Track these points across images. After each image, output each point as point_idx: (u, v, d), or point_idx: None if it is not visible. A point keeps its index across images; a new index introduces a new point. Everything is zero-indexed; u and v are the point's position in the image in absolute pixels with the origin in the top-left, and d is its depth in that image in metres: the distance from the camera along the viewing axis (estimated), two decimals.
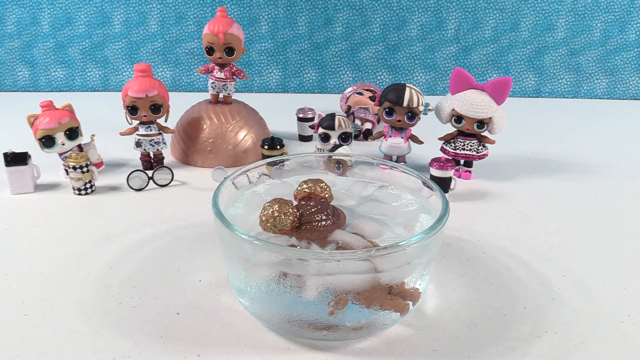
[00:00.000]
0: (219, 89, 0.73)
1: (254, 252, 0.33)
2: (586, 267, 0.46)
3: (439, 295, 0.42)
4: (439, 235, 0.34)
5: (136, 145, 0.68)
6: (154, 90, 0.64)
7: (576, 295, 0.42)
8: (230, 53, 0.70)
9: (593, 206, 0.60)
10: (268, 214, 0.35)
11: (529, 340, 0.37)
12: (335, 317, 0.33)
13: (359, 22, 1.14)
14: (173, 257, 0.47)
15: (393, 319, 0.35)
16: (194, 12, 1.13)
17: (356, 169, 0.47)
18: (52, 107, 0.61)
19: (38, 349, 0.35)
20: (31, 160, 0.62)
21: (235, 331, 0.37)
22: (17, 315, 0.39)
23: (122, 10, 1.13)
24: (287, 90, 1.19)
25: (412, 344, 0.36)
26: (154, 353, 0.35)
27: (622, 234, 0.53)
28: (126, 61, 1.16)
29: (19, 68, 1.15)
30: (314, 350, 0.35)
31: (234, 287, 0.38)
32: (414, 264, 0.34)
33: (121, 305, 0.40)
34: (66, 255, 0.47)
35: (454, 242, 0.50)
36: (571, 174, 0.70)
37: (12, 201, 0.59)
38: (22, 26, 1.12)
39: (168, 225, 0.53)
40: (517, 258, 0.48)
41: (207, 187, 0.64)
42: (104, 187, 0.63)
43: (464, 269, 0.46)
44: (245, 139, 0.72)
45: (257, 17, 1.14)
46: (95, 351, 0.35)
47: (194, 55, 1.16)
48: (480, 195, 0.62)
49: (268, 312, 0.36)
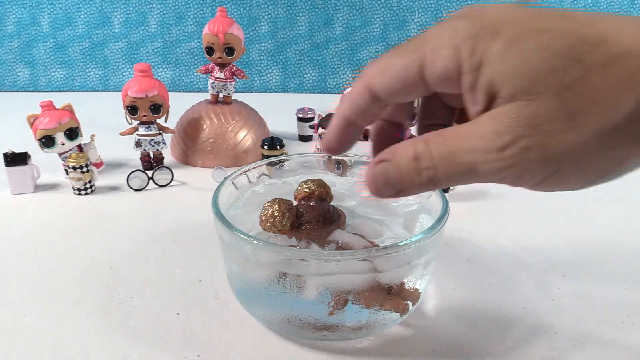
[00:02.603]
0: (219, 89, 0.73)
1: (254, 252, 0.33)
2: (586, 267, 0.46)
3: (439, 295, 0.42)
4: (439, 235, 0.34)
5: (136, 145, 0.68)
6: (154, 90, 0.64)
7: (576, 295, 0.42)
8: (230, 53, 0.70)
9: (593, 206, 0.60)
10: (268, 214, 0.35)
11: (529, 340, 0.37)
12: (335, 317, 0.33)
13: (359, 22, 1.14)
14: (173, 257, 0.47)
15: (393, 319, 0.35)
16: (194, 12, 1.13)
17: (356, 169, 0.47)
18: (52, 107, 0.61)
19: (38, 349, 0.35)
20: (31, 160, 0.62)
21: (235, 331, 0.37)
22: (17, 315, 0.39)
23: (122, 10, 1.13)
24: (287, 90, 1.19)
25: (412, 344, 0.36)
26: (154, 353, 0.35)
27: (622, 234, 0.53)
28: (126, 61, 1.16)
29: (19, 68, 1.15)
30: (314, 350, 0.35)
31: (234, 287, 0.38)
32: (414, 264, 0.34)
33: (121, 305, 0.40)
34: (66, 255, 0.47)
35: (454, 242, 0.50)
36: None
37: (12, 201, 0.59)
38: (22, 26, 1.12)
39: (168, 225, 0.53)
40: (517, 258, 0.48)
41: (207, 187, 0.64)
42: (104, 187, 0.63)
43: (464, 269, 0.46)
44: (245, 139, 0.72)
45: (257, 17, 1.14)
46: (95, 351, 0.35)
47: (194, 55, 1.16)
48: (480, 195, 0.62)
49: (268, 312, 0.36)
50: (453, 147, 0.24)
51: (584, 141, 0.21)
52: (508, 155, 0.22)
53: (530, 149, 0.22)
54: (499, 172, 0.23)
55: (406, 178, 0.25)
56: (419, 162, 0.25)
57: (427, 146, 0.24)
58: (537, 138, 0.22)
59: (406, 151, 0.25)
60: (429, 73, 0.25)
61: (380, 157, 0.26)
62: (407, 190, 0.26)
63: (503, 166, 0.22)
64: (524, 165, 0.22)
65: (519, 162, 0.22)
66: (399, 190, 0.26)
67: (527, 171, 0.22)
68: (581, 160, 0.22)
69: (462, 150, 0.23)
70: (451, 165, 0.24)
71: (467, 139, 0.23)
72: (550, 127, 0.21)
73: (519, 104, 0.22)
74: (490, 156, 0.22)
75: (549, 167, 0.22)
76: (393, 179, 0.26)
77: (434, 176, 0.24)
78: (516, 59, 0.22)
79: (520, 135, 0.22)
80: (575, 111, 0.21)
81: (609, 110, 0.21)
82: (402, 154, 0.25)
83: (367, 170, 0.27)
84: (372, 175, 0.26)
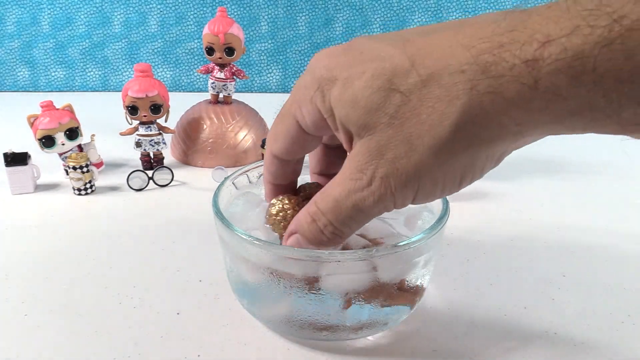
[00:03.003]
0: (219, 89, 0.73)
1: (254, 252, 0.33)
2: (586, 267, 0.46)
3: (439, 295, 0.42)
4: (439, 235, 0.34)
5: (136, 145, 0.68)
6: (154, 91, 0.64)
7: (576, 295, 0.42)
8: (230, 53, 0.70)
9: (593, 206, 0.60)
10: (278, 208, 0.35)
11: (529, 340, 0.37)
12: (335, 318, 0.33)
13: (359, 22, 1.14)
14: (173, 257, 0.47)
15: (393, 319, 0.35)
16: (194, 12, 1.13)
17: None
18: (52, 107, 0.61)
19: (38, 349, 0.35)
20: (31, 160, 0.62)
21: (235, 331, 0.37)
22: (17, 315, 0.39)
23: (122, 11, 1.13)
24: (287, 90, 1.19)
25: (412, 344, 0.36)
26: (154, 353, 0.35)
27: (622, 234, 0.53)
28: (126, 61, 1.16)
29: (19, 68, 1.15)
30: (314, 350, 0.35)
31: (234, 287, 0.38)
32: (414, 264, 0.34)
33: (121, 305, 0.40)
34: (66, 255, 0.47)
35: (454, 242, 0.50)
36: (571, 174, 0.70)
37: (12, 201, 0.59)
38: (22, 26, 1.12)
39: (168, 225, 0.53)
40: (517, 258, 0.48)
41: (207, 187, 0.64)
42: (104, 187, 0.63)
43: (464, 269, 0.46)
44: (245, 139, 0.72)
45: (257, 17, 1.14)
46: (95, 351, 0.35)
47: (194, 55, 1.16)
48: (480, 195, 0.62)
49: (268, 312, 0.36)
50: (334, 197, 0.26)
51: (425, 160, 0.23)
52: (376, 187, 0.25)
53: (389, 177, 0.24)
54: (378, 204, 0.25)
55: (315, 241, 0.28)
56: (316, 223, 0.27)
57: (316, 206, 0.27)
58: (389, 166, 0.24)
59: (305, 218, 0.28)
60: (306, 127, 0.28)
61: (290, 230, 0.30)
62: (324, 246, 0.29)
63: (378, 197, 0.25)
64: (391, 192, 0.24)
65: (386, 190, 0.24)
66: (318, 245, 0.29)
67: (398, 196, 0.25)
68: (433, 175, 0.24)
69: (342, 197, 0.26)
70: (340, 213, 0.26)
71: (341, 186, 0.26)
72: (394, 154, 0.24)
73: (366, 140, 0.24)
74: (364, 193, 0.25)
75: (411, 187, 0.24)
76: (306, 245, 0.29)
77: (334, 230, 0.27)
78: (350, 100, 0.24)
79: (376, 167, 0.24)
80: (409, 135, 0.23)
81: (436, 127, 0.23)
82: (303, 222, 0.28)
83: (283, 241, 0.31)
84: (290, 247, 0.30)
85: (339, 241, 0.28)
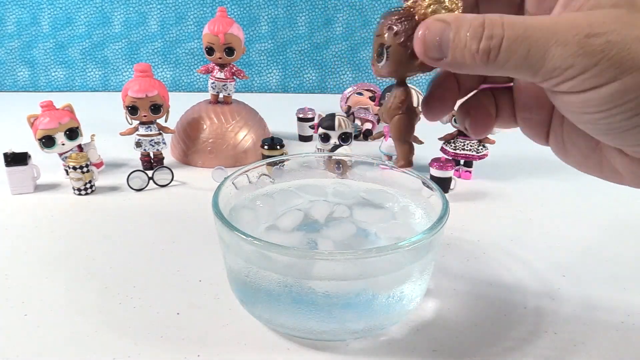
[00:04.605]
0: (219, 89, 0.73)
1: (254, 252, 0.33)
2: (586, 267, 0.46)
3: (439, 295, 0.42)
4: (438, 235, 0.34)
5: (136, 145, 0.68)
6: (154, 91, 0.64)
7: (576, 295, 0.42)
8: (230, 53, 0.70)
9: (593, 206, 0.60)
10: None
11: (529, 340, 0.37)
12: (335, 318, 0.33)
13: (359, 22, 1.14)
14: (173, 257, 0.47)
15: (393, 319, 0.35)
16: (194, 12, 1.13)
17: (356, 169, 0.47)
18: (52, 107, 0.61)
19: (38, 349, 0.35)
20: (31, 160, 0.62)
21: (235, 331, 0.37)
22: (17, 315, 0.39)
23: (122, 11, 1.13)
24: (287, 91, 1.19)
25: (412, 344, 0.36)
26: (154, 353, 0.35)
27: (622, 234, 0.53)
28: (126, 61, 1.16)
29: (19, 68, 1.15)
30: (314, 350, 0.35)
31: (234, 287, 0.38)
32: (414, 264, 0.34)
33: (121, 305, 0.40)
34: (66, 255, 0.47)
35: (454, 242, 0.50)
36: (571, 174, 0.70)
37: (12, 201, 0.59)
38: (22, 26, 1.12)
39: (168, 225, 0.53)
40: (517, 258, 0.48)
41: (207, 187, 0.64)
42: (104, 187, 0.63)
43: (464, 269, 0.46)
44: (245, 139, 0.72)
45: (257, 17, 1.14)
46: (95, 351, 0.35)
47: (194, 55, 1.16)
48: (480, 195, 0.62)
49: (268, 313, 0.36)
50: (529, 24, 0.22)
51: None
52: (590, 43, 0.21)
53: (614, 45, 0.21)
54: (571, 58, 0.22)
55: (461, 43, 0.23)
56: (483, 29, 0.23)
57: (500, 17, 0.23)
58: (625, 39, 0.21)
59: (473, 17, 0.23)
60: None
61: (441, 17, 0.24)
62: (454, 59, 0.24)
63: (577, 52, 0.21)
64: (598, 58, 0.21)
65: (596, 52, 0.21)
66: (446, 56, 0.24)
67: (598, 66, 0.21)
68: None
69: (538, 27, 0.22)
70: (520, 39, 0.22)
71: (548, 21, 0.22)
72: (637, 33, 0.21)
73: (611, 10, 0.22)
74: (574, 39, 0.21)
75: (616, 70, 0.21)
76: (446, 42, 0.23)
77: (493, 47, 0.22)
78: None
79: (611, 31, 0.21)
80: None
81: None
82: (467, 19, 0.23)
83: (420, 26, 0.24)
84: (424, 33, 0.24)
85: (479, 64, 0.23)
